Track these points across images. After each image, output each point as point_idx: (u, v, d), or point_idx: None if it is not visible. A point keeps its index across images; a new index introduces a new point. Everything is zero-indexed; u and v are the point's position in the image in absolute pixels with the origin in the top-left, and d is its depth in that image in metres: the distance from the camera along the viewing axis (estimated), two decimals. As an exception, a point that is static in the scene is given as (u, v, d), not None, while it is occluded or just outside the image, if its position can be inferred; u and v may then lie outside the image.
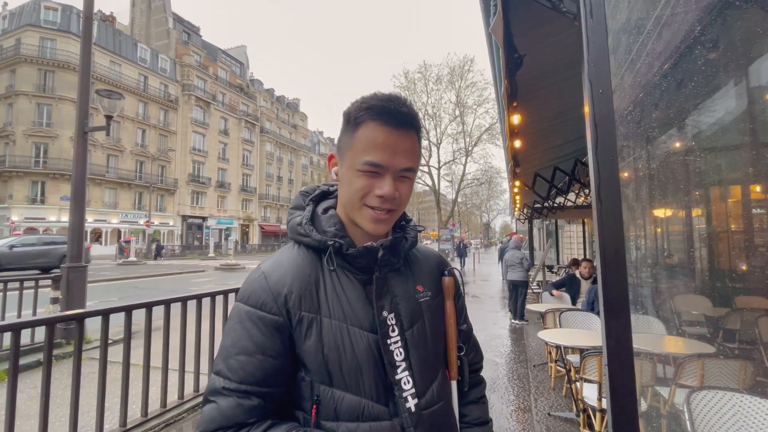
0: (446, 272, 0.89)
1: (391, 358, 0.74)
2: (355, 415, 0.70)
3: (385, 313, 0.76)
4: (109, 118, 6.07)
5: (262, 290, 0.73)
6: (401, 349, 0.75)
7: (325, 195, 0.88)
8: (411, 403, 0.73)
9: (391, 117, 0.72)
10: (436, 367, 0.81)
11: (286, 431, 0.68)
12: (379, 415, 0.71)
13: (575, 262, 8.17)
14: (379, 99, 0.73)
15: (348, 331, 0.72)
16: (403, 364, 0.74)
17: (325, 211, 0.83)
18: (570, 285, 6.00)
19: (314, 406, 0.71)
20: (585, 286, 5.84)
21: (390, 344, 0.74)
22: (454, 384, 0.85)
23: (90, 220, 28.11)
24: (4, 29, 30.61)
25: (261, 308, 0.72)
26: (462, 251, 21.87)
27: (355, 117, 0.74)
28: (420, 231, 0.90)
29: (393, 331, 0.75)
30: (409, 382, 0.74)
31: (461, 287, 0.93)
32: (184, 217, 37.35)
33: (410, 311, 0.79)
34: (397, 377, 0.73)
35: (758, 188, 1.60)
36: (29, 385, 3.83)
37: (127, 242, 25.92)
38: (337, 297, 0.75)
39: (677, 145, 1.90)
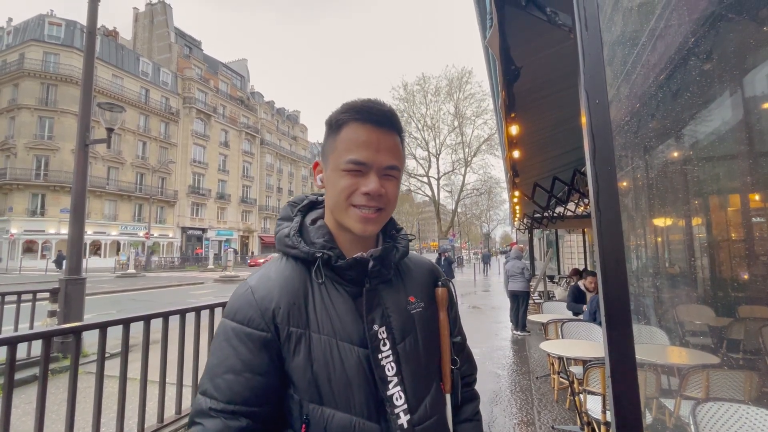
0: (440, 283, 0.87)
1: (382, 374, 0.71)
2: None
3: (375, 327, 0.73)
4: (110, 130, 6.11)
5: (248, 306, 0.71)
6: (393, 364, 0.73)
7: (314, 205, 0.87)
8: (403, 420, 0.71)
9: (371, 115, 0.72)
10: (429, 381, 0.78)
11: None
12: None
13: (576, 272, 8.13)
14: (358, 101, 0.74)
15: (337, 347, 0.70)
16: (395, 379, 0.72)
17: (314, 221, 0.82)
18: (580, 298, 5.69)
19: (303, 426, 0.68)
20: (590, 298, 5.74)
21: (381, 359, 0.72)
22: (448, 397, 0.83)
23: (89, 233, 28.07)
24: (8, 44, 31.04)
25: (248, 324, 0.70)
26: (446, 268, 15.31)
27: (337, 120, 0.74)
28: (411, 239, 0.88)
29: (384, 345, 0.73)
30: (401, 397, 0.72)
31: (455, 297, 0.91)
32: (184, 229, 37.30)
33: (402, 324, 0.77)
34: (389, 393, 0.71)
35: (757, 197, 1.60)
36: (25, 401, 3.77)
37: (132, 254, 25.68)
38: (326, 311, 0.72)
39: (675, 154, 1.91)
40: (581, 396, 2.96)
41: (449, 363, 0.83)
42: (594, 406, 2.84)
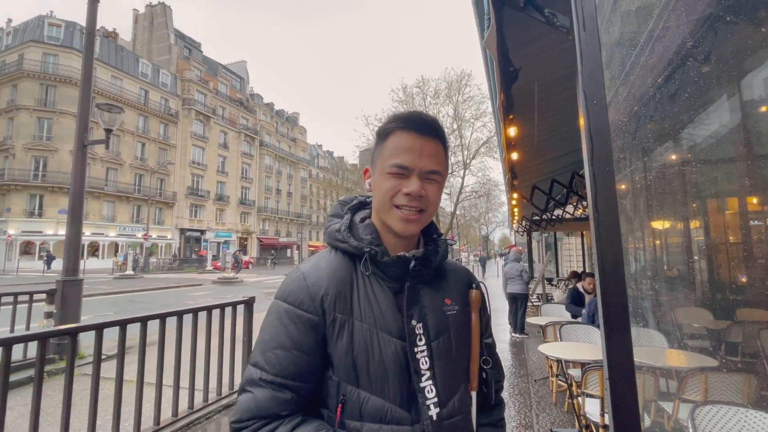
0: (474, 285, 0.92)
1: (417, 366, 0.76)
2: (378, 417, 0.73)
3: (413, 322, 0.78)
4: (108, 131, 6.10)
5: (300, 290, 0.77)
6: (427, 359, 0.77)
7: (362, 205, 0.93)
8: (433, 412, 0.75)
9: (415, 124, 0.79)
10: (458, 380, 0.82)
11: (315, 429, 0.71)
12: (402, 419, 0.74)
13: (575, 275, 8.13)
14: (405, 113, 0.82)
15: (377, 336, 0.75)
16: (428, 373, 0.77)
17: (362, 220, 0.87)
18: (579, 300, 5.64)
19: (340, 405, 0.73)
20: (588, 300, 5.75)
21: (417, 352, 0.77)
22: (474, 396, 0.86)
23: (87, 234, 28.00)
24: (8, 45, 31.01)
25: (299, 307, 0.76)
26: None
27: (385, 129, 0.82)
28: (451, 245, 0.91)
29: (420, 340, 0.78)
30: (432, 391, 0.76)
31: (488, 302, 0.95)
32: (182, 230, 37.21)
33: (437, 323, 0.81)
34: (422, 385, 0.75)
35: (755, 200, 1.60)
36: (20, 402, 3.75)
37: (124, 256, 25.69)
38: (369, 302, 0.78)
39: (673, 157, 1.92)
40: (580, 399, 2.96)
41: (478, 362, 0.87)
42: (592, 409, 2.83)
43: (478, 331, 0.88)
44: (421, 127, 0.79)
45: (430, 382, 0.76)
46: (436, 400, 0.76)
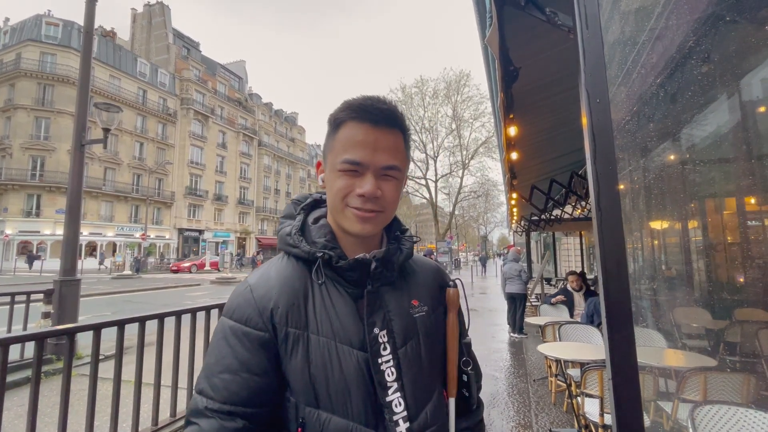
0: (452, 283, 0.86)
1: (382, 379, 0.69)
2: None
3: (376, 330, 0.71)
4: (106, 131, 6.08)
5: (247, 304, 0.70)
6: (393, 369, 0.71)
7: (318, 204, 0.85)
8: (402, 427, 0.68)
9: (369, 114, 0.70)
10: (431, 388, 0.76)
11: None
12: None
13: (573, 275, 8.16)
14: (359, 99, 0.72)
15: (336, 349, 0.68)
16: (395, 385, 0.70)
17: (316, 220, 0.80)
18: (566, 297, 6.00)
19: (299, 429, 0.67)
20: (577, 297, 5.88)
21: (381, 363, 0.70)
22: (452, 401, 0.80)
23: (85, 233, 27.88)
24: (5, 44, 30.89)
25: (246, 323, 0.69)
26: None
27: (336, 119, 0.73)
28: (416, 242, 0.85)
29: (384, 349, 0.71)
30: (400, 404, 0.69)
31: (465, 300, 0.89)
32: (181, 230, 37.13)
33: (404, 328, 0.74)
34: (388, 399, 0.69)
35: (754, 200, 1.60)
36: (17, 403, 3.72)
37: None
38: (326, 312, 0.71)
39: (672, 157, 1.92)
40: (579, 399, 2.96)
41: (455, 366, 0.81)
42: (592, 408, 2.83)
43: (456, 333, 0.81)
44: (375, 116, 0.70)
45: (398, 394, 0.69)
46: (405, 414, 0.69)
